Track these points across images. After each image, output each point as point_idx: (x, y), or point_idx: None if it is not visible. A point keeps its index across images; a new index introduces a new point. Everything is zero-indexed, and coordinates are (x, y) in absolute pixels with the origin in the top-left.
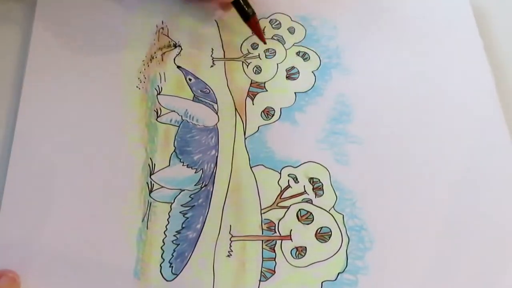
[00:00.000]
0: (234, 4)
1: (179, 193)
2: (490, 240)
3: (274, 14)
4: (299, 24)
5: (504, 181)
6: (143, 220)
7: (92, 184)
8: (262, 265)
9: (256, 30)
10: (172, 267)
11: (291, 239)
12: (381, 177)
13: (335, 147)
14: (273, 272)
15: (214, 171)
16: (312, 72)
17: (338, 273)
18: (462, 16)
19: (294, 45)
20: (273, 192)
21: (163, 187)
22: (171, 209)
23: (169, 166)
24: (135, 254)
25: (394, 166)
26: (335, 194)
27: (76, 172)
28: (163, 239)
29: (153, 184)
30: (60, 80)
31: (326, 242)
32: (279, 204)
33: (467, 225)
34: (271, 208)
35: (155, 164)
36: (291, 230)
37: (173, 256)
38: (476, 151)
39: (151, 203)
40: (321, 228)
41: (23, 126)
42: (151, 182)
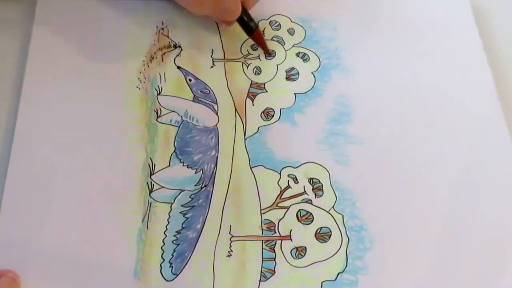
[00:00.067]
0: (238, 21)
1: (179, 193)
2: (490, 240)
3: (274, 15)
4: (299, 25)
5: (504, 181)
6: (143, 220)
7: (92, 184)
8: (262, 265)
9: (259, 42)
10: (172, 267)
11: (291, 239)
12: (381, 177)
13: (335, 148)
14: (273, 272)
15: (214, 171)
16: (311, 73)
17: (338, 273)
18: (462, 16)
19: (293, 46)
20: (273, 192)
21: (163, 187)
22: (171, 209)
23: (169, 166)
24: (135, 254)
25: (394, 166)
26: (334, 195)
27: (76, 172)
28: (163, 239)
29: (153, 184)
30: (60, 81)
31: (326, 242)
32: (279, 205)
33: (467, 225)
34: (271, 209)
35: (155, 164)
36: (291, 230)
37: (173, 256)
38: (476, 151)
39: (151, 203)
40: (321, 228)
41: (23, 126)
42: (151, 182)
